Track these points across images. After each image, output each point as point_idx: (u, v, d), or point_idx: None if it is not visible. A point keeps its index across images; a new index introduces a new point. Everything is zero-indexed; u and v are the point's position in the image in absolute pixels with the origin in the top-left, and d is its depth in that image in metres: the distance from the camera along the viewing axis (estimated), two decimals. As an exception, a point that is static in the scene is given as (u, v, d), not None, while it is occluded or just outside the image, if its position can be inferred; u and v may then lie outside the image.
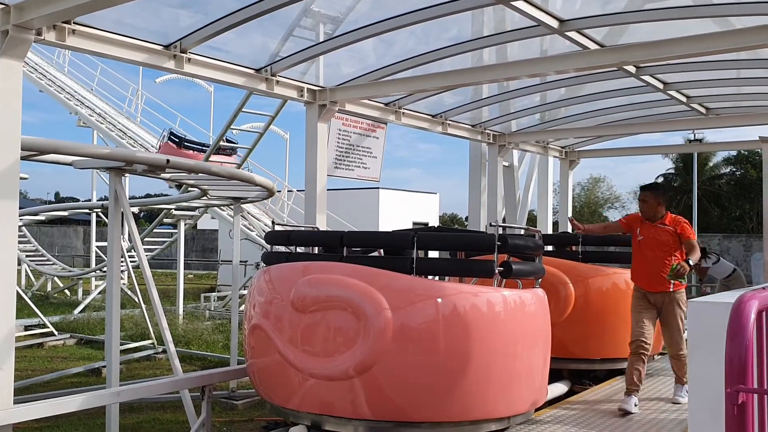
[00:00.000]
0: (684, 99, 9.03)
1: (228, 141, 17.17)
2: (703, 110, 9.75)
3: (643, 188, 6.29)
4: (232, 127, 13.60)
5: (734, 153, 39.71)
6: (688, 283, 11.10)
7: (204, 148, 16.86)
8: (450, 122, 9.80)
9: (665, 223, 6.05)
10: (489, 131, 10.74)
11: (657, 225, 6.04)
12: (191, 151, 16.62)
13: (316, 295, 4.61)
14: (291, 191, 20.34)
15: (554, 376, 6.28)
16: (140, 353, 12.09)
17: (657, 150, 21.34)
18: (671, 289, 5.90)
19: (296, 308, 4.67)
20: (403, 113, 8.90)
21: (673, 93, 8.67)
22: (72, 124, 18.58)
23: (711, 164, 40.92)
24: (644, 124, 10.81)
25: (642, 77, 7.79)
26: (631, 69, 7.43)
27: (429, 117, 9.48)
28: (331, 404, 4.56)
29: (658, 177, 43.82)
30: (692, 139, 26.32)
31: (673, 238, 5.96)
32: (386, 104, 8.65)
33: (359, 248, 6.10)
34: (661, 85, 8.31)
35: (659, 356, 8.11)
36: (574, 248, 7.58)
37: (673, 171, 42.01)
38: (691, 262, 5.67)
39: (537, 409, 5.27)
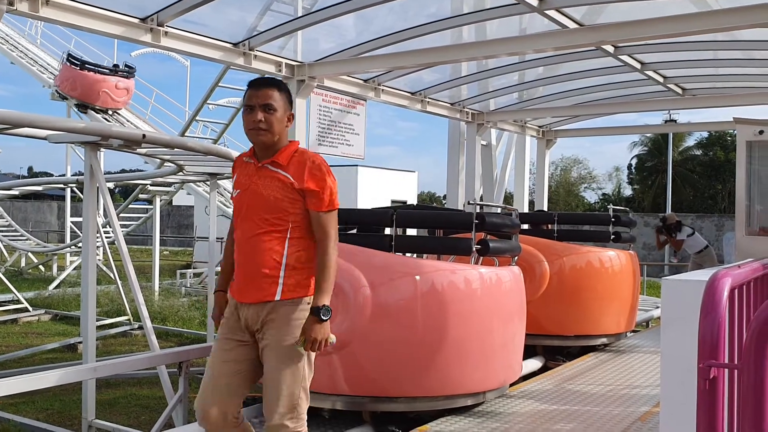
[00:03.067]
0: (661, 79, 9.12)
1: (127, 66, 17.64)
2: (679, 91, 9.86)
3: (262, 83, 3.20)
4: (208, 101, 13.46)
5: (706, 135, 40.24)
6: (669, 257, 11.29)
7: (102, 70, 17.24)
8: (429, 100, 9.80)
9: (279, 162, 3.14)
10: (468, 110, 10.76)
11: (265, 166, 3.17)
12: (90, 73, 16.94)
13: (295, 271, 4.61)
14: (268, 168, 20.19)
15: (529, 352, 6.37)
16: (116, 329, 12.02)
17: (633, 130, 21.55)
18: (277, 297, 3.08)
19: (274, 285, 4.67)
20: (383, 90, 8.88)
21: (650, 73, 8.75)
22: (45, 97, 18.30)
23: (683, 146, 41.42)
24: (621, 104, 10.90)
25: (620, 57, 7.85)
26: (609, 48, 7.47)
27: (408, 94, 9.47)
28: (309, 380, 4.59)
29: (632, 158, 44.32)
30: (668, 119, 26.57)
31: (291, 197, 3.10)
32: (365, 81, 8.62)
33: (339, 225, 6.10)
34: (638, 65, 8.37)
35: (631, 333, 8.26)
36: (549, 227, 7.66)
37: (646, 151, 42.43)
38: (323, 280, 3.05)
39: (512, 385, 5.35)
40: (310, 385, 4.36)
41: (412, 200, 27.75)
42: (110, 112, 17.67)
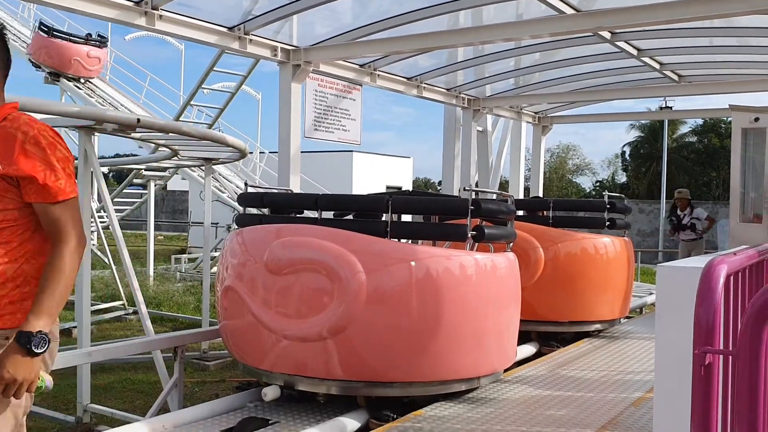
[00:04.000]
0: (657, 66, 9.11)
1: (99, 36, 18.05)
2: (675, 77, 9.85)
3: None
4: (203, 86, 13.40)
5: (701, 122, 40.31)
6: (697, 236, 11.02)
7: (72, 38, 17.65)
8: (425, 85, 9.77)
9: None
10: (464, 95, 10.73)
11: None
12: (62, 41, 17.36)
13: (290, 257, 4.61)
14: (263, 153, 20.18)
15: (523, 338, 6.39)
16: (111, 314, 12.03)
17: (629, 117, 21.53)
18: None
19: (270, 270, 4.67)
20: (378, 75, 8.84)
21: (646, 59, 8.74)
22: (39, 81, 18.15)
23: (677, 133, 41.46)
24: (617, 91, 10.89)
25: (616, 43, 7.83)
26: (606, 34, 7.45)
27: (404, 80, 9.44)
28: (304, 365, 4.60)
29: (624, 146, 44.37)
30: (663, 106, 26.57)
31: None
32: (361, 66, 8.58)
33: (333, 211, 6.10)
34: (635, 52, 8.36)
35: (625, 319, 8.30)
36: (544, 213, 7.66)
37: (641, 139, 42.46)
38: (46, 295, 2.14)
39: (506, 370, 5.37)
40: (305, 371, 4.34)
41: (408, 186, 27.77)
42: (82, 80, 17.85)
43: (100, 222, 14.86)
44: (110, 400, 7.24)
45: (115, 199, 18.40)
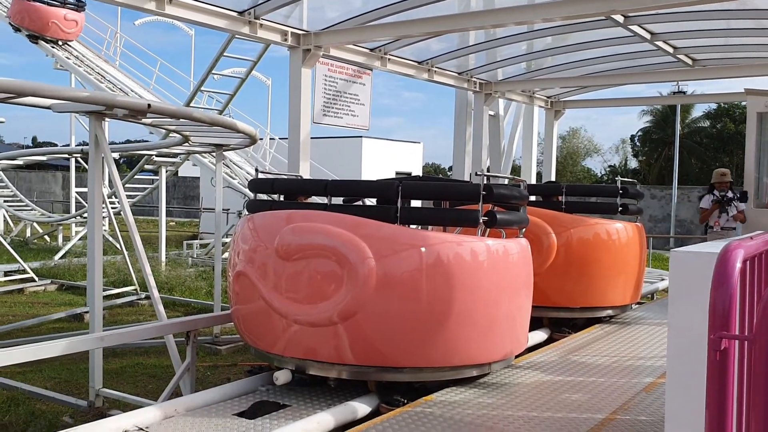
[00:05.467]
0: (671, 50, 9.00)
1: (78, 0, 18.45)
2: (689, 61, 9.73)
3: None
4: (213, 72, 13.38)
5: (714, 106, 39.87)
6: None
7: (50, 1, 18.04)
8: (436, 69, 9.70)
9: None
10: (475, 79, 10.66)
11: None
12: (39, 4, 17.76)
13: (300, 243, 4.61)
14: (273, 139, 20.17)
15: (535, 324, 6.38)
16: (123, 299, 12.10)
17: (642, 101, 21.36)
18: None
19: (280, 256, 4.67)
20: (389, 59, 8.79)
21: (660, 43, 8.64)
22: (48, 66, 18.39)
23: (690, 118, 41.04)
24: (630, 75, 10.78)
25: (630, 27, 7.74)
26: (619, 18, 7.37)
27: (415, 64, 9.37)
28: (315, 349, 4.61)
29: (638, 131, 44.02)
30: (676, 91, 26.31)
31: None
32: (372, 50, 8.53)
33: (343, 197, 6.08)
34: (648, 36, 8.26)
35: (636, 305, 8.26)
36: (558, 198, 7.61)
37: (652, 124, 42.08)
38: None
39: (517, 356, 5.36)
40: (316, 356, 4.34)
41: (417, 172, 27.70)
42: (60, 43, 18.14)
43: (112, 208, 14.93)
44: (122, 384, 7.30)
45: (127, 185, 18.48)
